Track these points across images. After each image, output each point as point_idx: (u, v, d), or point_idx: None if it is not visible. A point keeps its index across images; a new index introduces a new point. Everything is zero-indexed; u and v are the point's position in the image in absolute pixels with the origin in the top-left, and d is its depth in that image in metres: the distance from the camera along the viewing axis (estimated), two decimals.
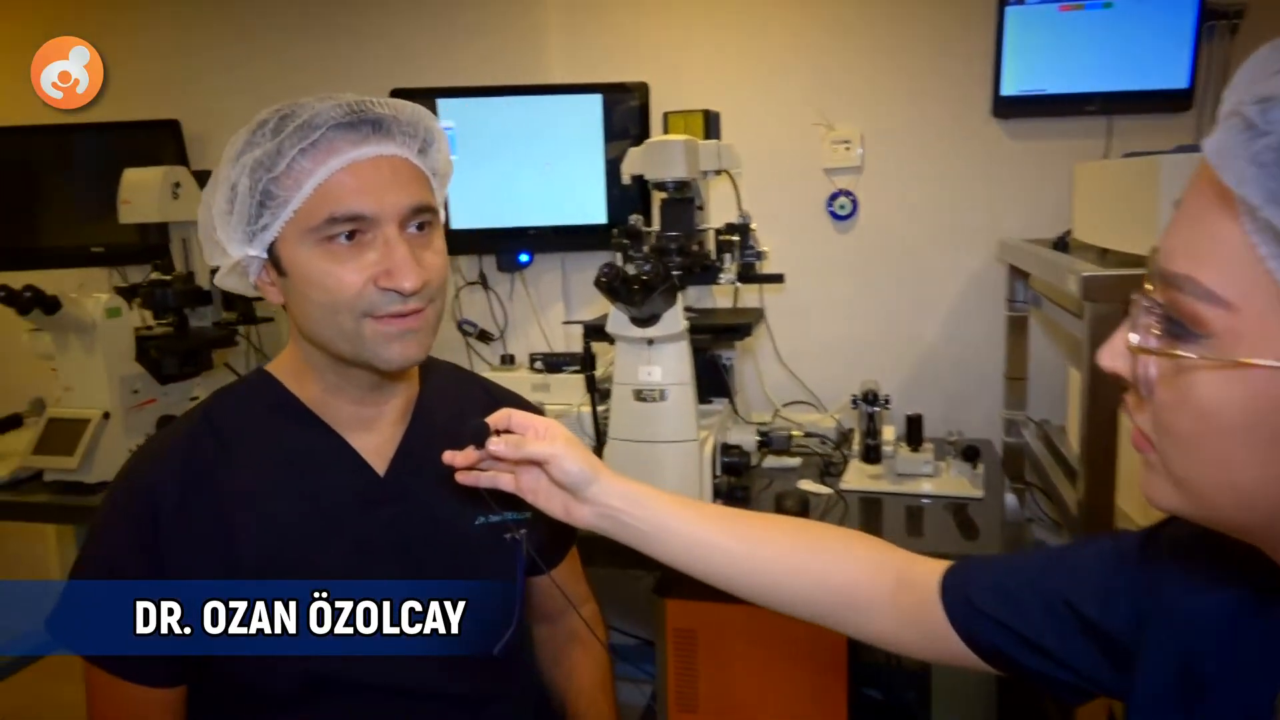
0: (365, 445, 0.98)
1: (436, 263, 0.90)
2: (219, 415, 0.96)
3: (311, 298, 0.87)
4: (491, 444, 0.84)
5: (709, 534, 0.85)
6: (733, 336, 1.82)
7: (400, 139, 0.88)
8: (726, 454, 1.76)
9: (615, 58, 2.32)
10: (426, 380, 1.05)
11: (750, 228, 1.90)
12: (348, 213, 0.84)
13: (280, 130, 0.84)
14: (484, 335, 2.48)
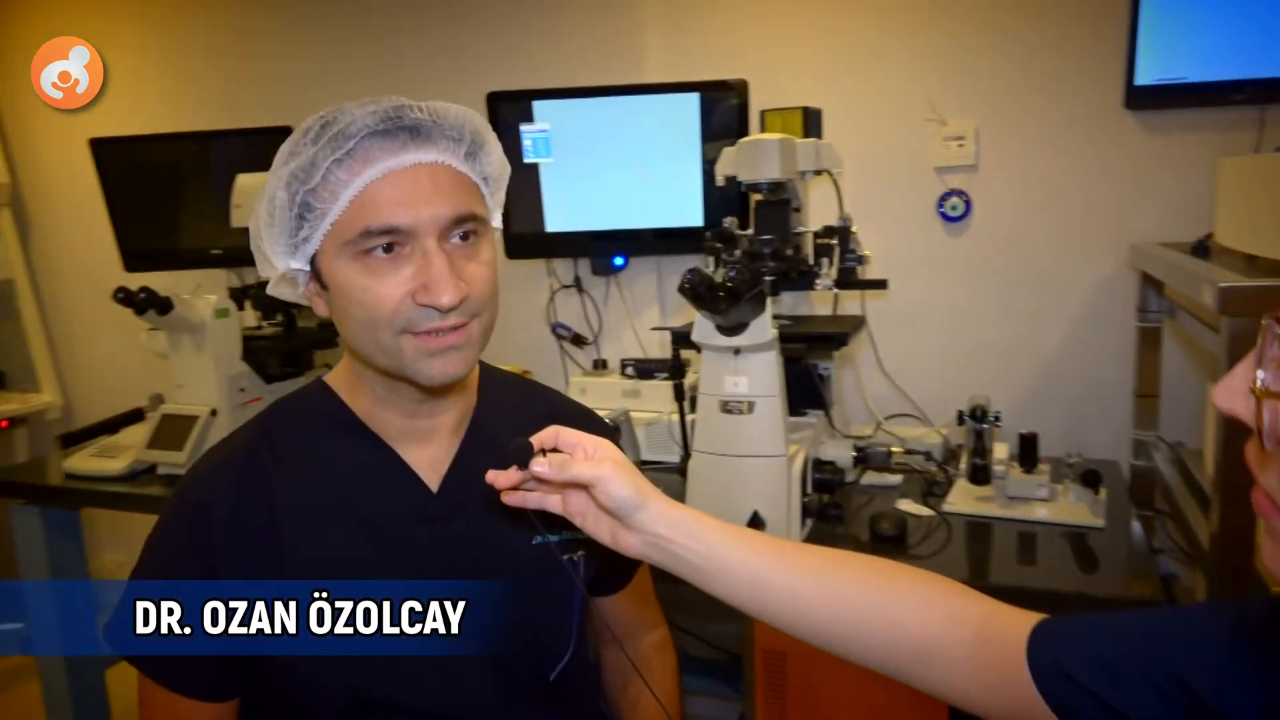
0: (418, 459, 0.95)
1: (481, 274, 0.86)
2: (275, 426, 0.95)
3: (350, 313, 0.84)
4: (535, 464, 0.79)
5: (768, 569, 0.77)
6: (827, 346, 1.72)
7: (443, 144, 0.84)
8: (819, 470, 1.67)
9: (714, 55, 2.25)
10: (485, 392, 1.01)
11: (851, 230, 1.79)
12: (383, 225, 0.80)
13: (319, 139, 0.81)
14: (578, 339, 2.45)
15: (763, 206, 1.77)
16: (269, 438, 0.94)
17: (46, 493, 2.22)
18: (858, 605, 0.75)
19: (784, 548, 0.79)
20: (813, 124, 1.95)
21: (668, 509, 0.78)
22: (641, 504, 0.77)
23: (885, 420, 2.07)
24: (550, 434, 0.82)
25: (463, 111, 0.87)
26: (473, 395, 1.00)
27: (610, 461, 0.78)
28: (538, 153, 2.24)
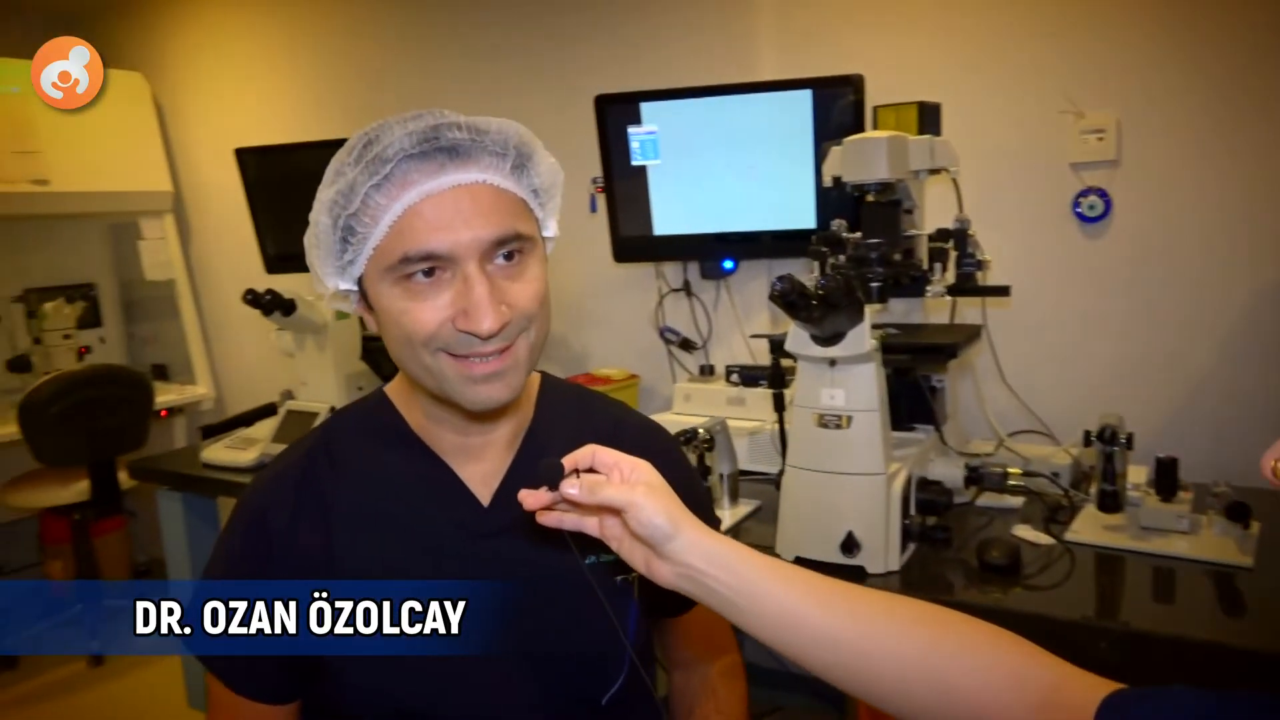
0: (471, 474, 0.93)
1: (528, 293, 0.83)
2: (334, 436, 0.96)
3: (393, 334, 0.83)
4: (565, 486, 0.75)
5: (809, 610, 0.70)
6: (936, 358, 1.61)
7: (485, 161, 0.82)
8: (924, 490, 1.56)
9: (829, 50, 2.16)
10: (543, 404, 0.99)
11: (969, 233, 1.68)
12: (421, 251, 0.79)
13: (359, 161, 0.80)
14: (686, 344, 2.41)
15: (871, 208, 1.68)
16: (328, 448, 0.94)
17: (185, 480, 2.37)
18: (908, 658, 0.68)
19: (829, 588, 0.72)
20: (930, 120, 1.82)
21: (703, 539, 0.73)
22: (674, 533, 0.73)
23: (1009, 437, 1.92)
24: (586, 453, 0.78)
25: (505, 124, 0.84)
26: (529, 408, 0.97)
27: (644, 486, 0.74)
28: (646, 155, 2.21)
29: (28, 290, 3.49)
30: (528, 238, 0.84)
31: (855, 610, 0.71)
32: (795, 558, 1.52)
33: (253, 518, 0.91)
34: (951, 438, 1.76)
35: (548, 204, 0.90)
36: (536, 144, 0.87)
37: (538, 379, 1.01)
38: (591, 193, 2.39)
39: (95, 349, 3.66)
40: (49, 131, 3.14)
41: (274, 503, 0.91)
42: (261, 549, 0.89)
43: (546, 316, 0.87)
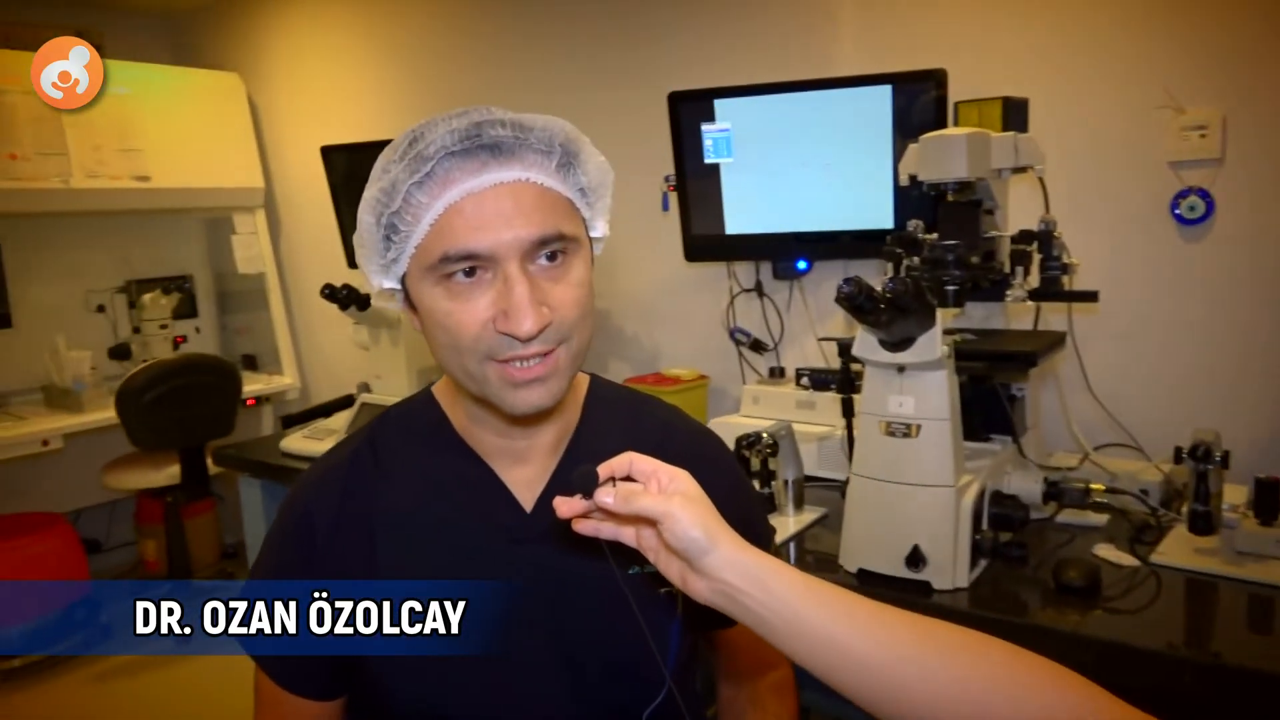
0: (515, 477, 0.92)
1: (570, 296, 0.81)
2: (381, 435, 0.96)
3: (436, 336, 0.83)
4: (600, 494, 0.73)
5: (849, 636, 0.67)
6: (1014, 366, 1.53)
7: (528, 159, 0.80)
8: (998, 504, 1.49)
9: (910, 44, 2.09)
10: (590, 408, 0.97)
11: (1054, 235, 1.59)
12: (461, 251, 0.78)
13: (403, 158, 0.80)
14: (757, 345, 2.36)
15: (948, 208, 1.61)
16: (374, 447, 0.95)
17: (265, 468, 2.45)
18: (948, 688, 0.64)
19: (869, 611, 0.69)
20: (1015, 115, 1.74)
21: (740, 555, 0.70)
22: (709, 547, 0.70)
23: (1094, 450, 1.82)
24: (624, 461, 0.76)
25: (551, 122, 0.83)
26: (575, 412, 0.96)
27: (680, 497, 0.71)
28: (718, 153, 2.18)
29: (130, 281, 3.67)
30: (571, 238, 0.82)
31: (895, 636, 0.67)
32: (859, 570, 1.47)
33: (297, 521, 0.92)
34: (1031, 450, 1.68)
35: (596, 204, 0.88)
36: (584, 142, 0.85)
37: (586, 381, 1.00)
38: (664, 191, 2.37)
39: (190, 338, 3.82)
40: (152, 130, 3.30)
41: (318, 504, 0.91)
42: (304, 551, 0.90)
43: (589, 325, 0.85)
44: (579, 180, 0.85)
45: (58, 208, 3.09)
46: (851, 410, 1.72)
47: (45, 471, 3.40)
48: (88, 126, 3.12)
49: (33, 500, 3.38)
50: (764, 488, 1.73)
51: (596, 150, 0.87)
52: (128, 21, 3.88)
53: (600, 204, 0.89)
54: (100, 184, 3.13)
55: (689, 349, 2.52)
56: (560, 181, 0.83)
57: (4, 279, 3.37)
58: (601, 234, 0.90)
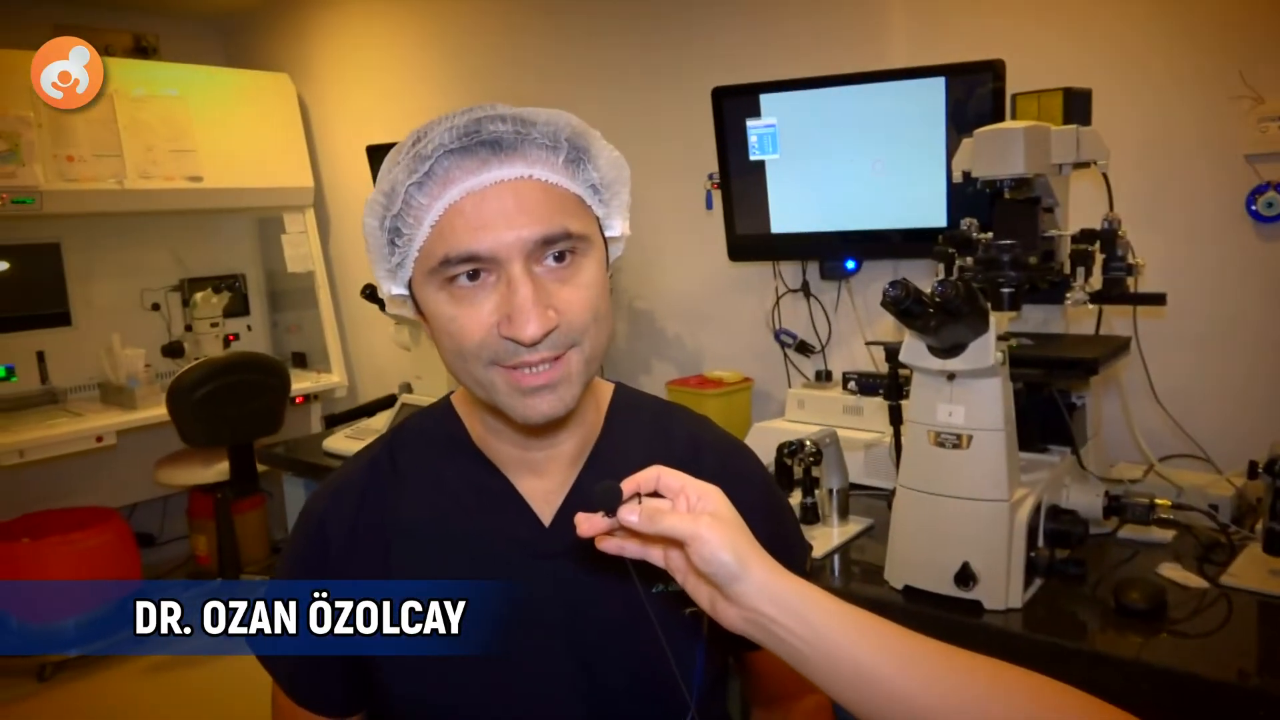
0: (533, 490, 0.88)
1: (579, 298, 0.76)
2: (399, 444, 0.92)
3: (442, 343, 0.79)
4: (624, 512, 0.69)
5: (888, 671, 0.62)
6: (1073, 373, 1.45)
7: (532, 156, 0.76)
8: (1055, 519, 1.41)
9: (966, 34, 2.00)
10: (614, 417, 0.92)
11: (1118, 234, 1.50)
12: (461, 252, 0.74)
13: (404, 158, 0.76)
14: (803, 347, 2.30)
15: (1005, 206, 1.53)
16: (393, 456, 0.91)
17: (307, 467, 2.45)
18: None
19: (909, 644, 0.63)
20: (1077, 108, 1.64)
21: (773, 582, 0.65)
22: (740, 573, 0.65)
23: (1159, 462, 1.73)
24: (650, 475, 0.71)
25: (556, 115, 0.78)
26: (597, 421, 0.91)
27: (709, 517, 0.66)
28: (764, 149, 2.11)
29: (184, 280, 3.73)
30: (580, 237, 0.77)
31: (936, 672, 0.62)
32: (905, 586, 1.40)
33: (313, 529, 0.89)
34: (1091, 461, 1.59)
35: (611, 200, 0.83)
36: (593, 136, 0.81)
37: (610, 390, 0.95)
38: (707, 189, 2.31)
39: (242, 336, 3.87)
40: (203, 131, 3.34)
41: (333, 513, 0.89)
42: (318, 559, 0.87)
43: (603, 328, 0.80)
44: (589, 176, 0.80)
45: (112, 208, 3.15)
46: (900, 418, 1.65)
47: (101, 467, 3.47)
48: (141, 128, 3.18)
49: (89, 495, 3.45)
50: (807, 497, 1.67)
51: (608, 145, 0.82)
52: (182, 25, 3.94)
53: (616, 201, 0.84)
54: (153, 184, 3.18)
55: (733, 351, 2.47)
56: (568, 178, 0.78)
57: (63, 278, 3.45)
58: (620, 233, 0.85)
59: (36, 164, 2.91)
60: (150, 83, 3.26)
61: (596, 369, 0.82)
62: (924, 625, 1.36)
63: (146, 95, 3.21)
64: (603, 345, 0.81)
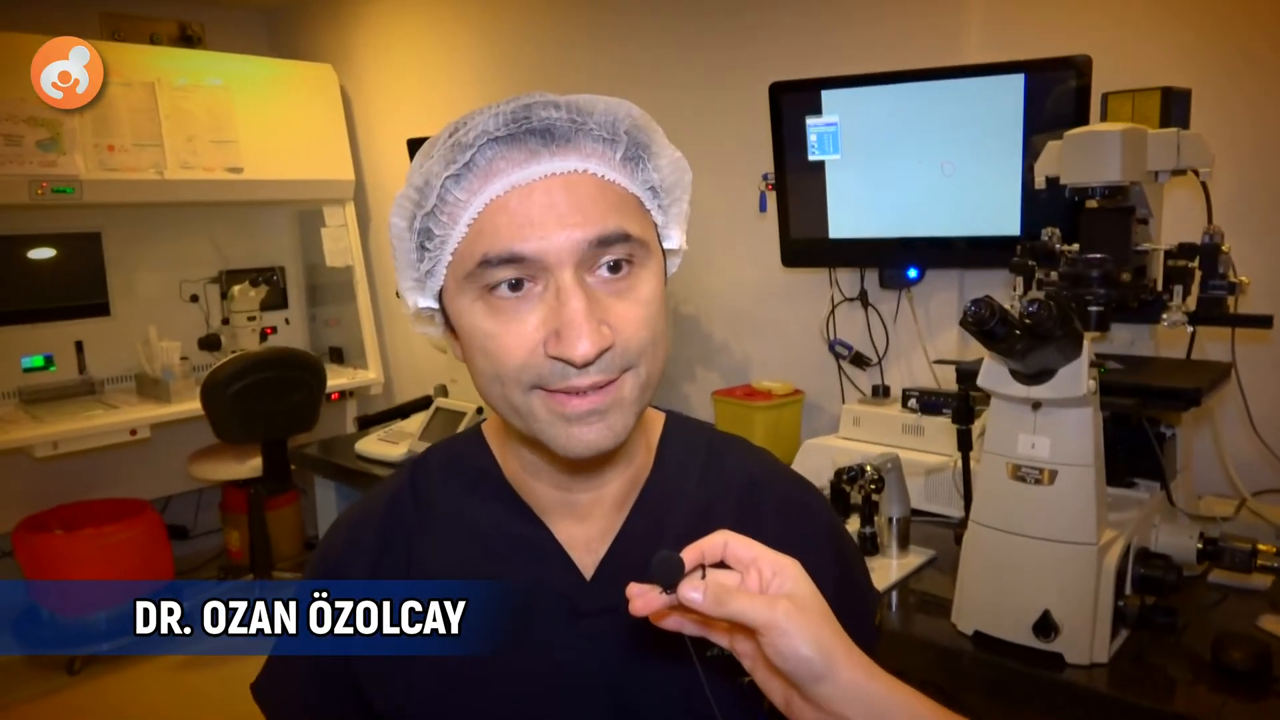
0: (573, 537, 0.77)
1: (636, 315, 0.66)
2: (423, 477, 0.82)
3: (477, 363, 0.68)
4: (686, 589, 0.58)
5: None
6: (1172, 405, 1.31)
7: (587, 148, 0.66)
8: (1145, 563, 1.27)
9: (1048, 27, 1.86)
10: (666, 453, 0.81)
11: (1221, 249, 1.36)
12: (503, 253, 0.63)
13: (441, 148, 0.66)
14: (859, 359, 2.17)
15: (1095, 216, 1.40)
16: (415, 492, 0.81)
17: (339, 470, 2.38)
18: None
19: None
20: (1176, 109, 1.50)
21: (862, 684, 0.54)
22: (825, 672, 0.54)
23: (1253, 497, 1.58)
24: (716, 543, 0.60)
25: (616, 104, 0.68)
26: (647, 458, 0.80)
27: (787, 603, 0.55)
28: (824, 149, 1.99)
29: (223, 272, 3.69)
30: (639, 242, 0.66)
31: None
32: (975, 632, 1.28)
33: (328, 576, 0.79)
34: (1180, 496, 1.45)
35: (670, 208, 0.72)
36: (655, 131, 0.70)
37: (660, 420, 0.84)
38: (761, 190, 2.19)
39: (280, 330, 3.83)
40: (244, 122, 3.29)
41: (352, 560, 0.79)
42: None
43: (660, 351, 0.69)
44: (649, 177, 0.70)
45: (152, 198, 3.11)
46: (969, 444, 1.52)
47: (135, 458, 3.44)
48: (183, 117, 3.13)
49: (123, 487, 3.43)
50: (866, 526, 1.55)
51: (670, 144, 0.71)
52: (228, 14, 3.90)
53: (676, 209, 0.73)
54: (193, 175, 3.13)
55: (783, 360, 2.34)
56: (626, 176, 0.68)
57: (103, 268, 3.43)
58: (677, 245, 0.74)
59: (77, 153, 2.88)
60: (193, 72, 3.21)
61: (650, 397, 0.72)
62: (998, 677, 1.25)
63: (189, 84, 3.17)
64: (659, 371, 0.70)
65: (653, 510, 0.78)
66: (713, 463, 0.82)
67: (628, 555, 0.76)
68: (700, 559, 0.60)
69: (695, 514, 0.78)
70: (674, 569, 0.59)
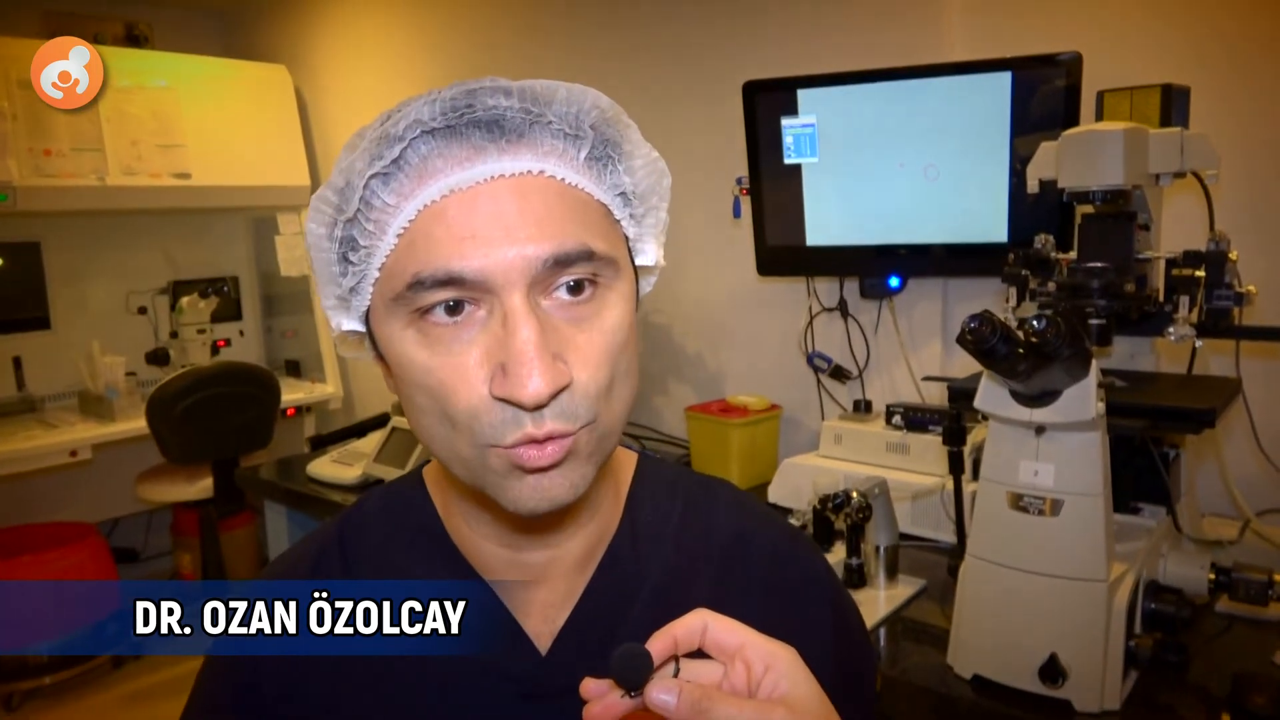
0: (525, 604, 0.65)
1: (600, 347, 0.54)
2: (353, 533, 0.70)
3: (415, 402, 0.56)
4: (656, 691, 0.46)
5: None
6: (1182, 426, 1.21)
7: (544, 145, 0.54)
8: (1156, 599, 1.17)
9: (1036, 24, 1.77)
10: (637, 504, 0.69)
11: (1229, 257, 1.27)
12: (439, 273, 0.51)
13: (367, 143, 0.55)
14: (838, 373, 2.07)
15: (1094, 222, 1.31)
16: (343, 550, 0.69)
17: (289, 495, 2.24)
18: None
19: None
20: (1177, 108, 1.41)
21: None
22: None
23: (1257, 517, 1.49)
24: (694, 627, 0.49)
25: (580, 93, 0.56)
26: (615, 510, 0.68)
27: (782, 714, 0.44)
28: (800, 152, 1.89)
29: (172, 283, 3.52)
30: (605, 259, 0.55)
31: None
32: (974, 676, 1.17)
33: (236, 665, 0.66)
34: (1184, 520, 1.36)
35: (645, 218, 0.61)
36: (628, 126, 0.59)
37: (632, 464, 0.72)
38: (735, 195, 2.09)
39: (234, 342, 3.67)
40: (193, 125, 3.13)
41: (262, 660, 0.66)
42: (249, 698, 0.65)
43: (629, 383, 0.57)
44: (619, 181, 0.58)
45: (93, 206, 2.95)
46: (961, 466, 1.42)
47: (80, 479, 3.26)
48: (126, 121, 2.97)
49: (68, 509, 3.25)
50: (852, 556, 1.44)
51: (645, 141, 0.59)
52: (178, 14, 3.75)
53: (651, 219, 0.61)
54: (138, 181, 2.97)
55: (759, 374, 2.24)
56: (592, 180, 0.56)
57: (43, 279, 3.25)
58: (653, 262, 0.63)
59: (10, 158, 2.71)
60: (137, 73, 3.05)
61: (613, 445, 0.60)
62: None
63: (133, 86, 3.01)
64: (625, 412, 0.58)
65: (621, 571, 0.66)
66: (691, 514, 0.70)
67: (591, 625, 0.64)
68: (673, 648, 0.49)
69: (671, 574, 0.66)
70: (640, 664, 0.47)
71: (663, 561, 0.67)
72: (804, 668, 0.49)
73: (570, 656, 0.64)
